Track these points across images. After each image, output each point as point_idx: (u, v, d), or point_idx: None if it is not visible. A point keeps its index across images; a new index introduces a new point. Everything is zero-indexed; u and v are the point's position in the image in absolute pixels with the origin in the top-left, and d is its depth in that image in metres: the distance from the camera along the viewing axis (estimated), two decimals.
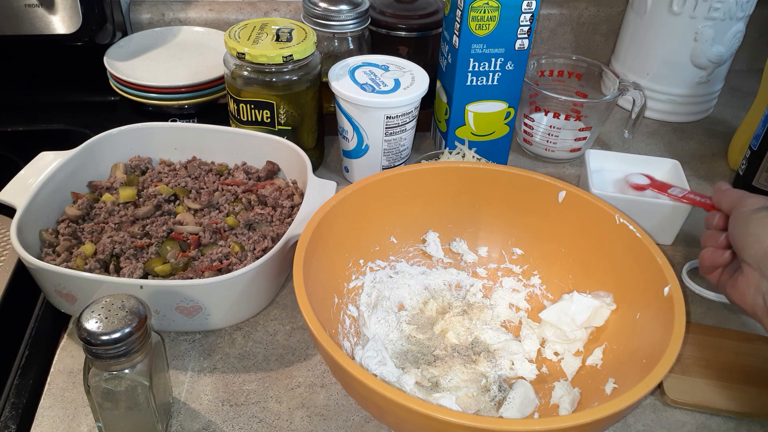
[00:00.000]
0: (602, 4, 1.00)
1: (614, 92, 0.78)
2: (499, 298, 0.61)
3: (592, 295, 0.57)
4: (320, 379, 0.55)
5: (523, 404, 0.51)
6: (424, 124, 0.84)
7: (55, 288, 0.54)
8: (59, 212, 0.62)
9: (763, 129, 0.72)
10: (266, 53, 0.65)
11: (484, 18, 0.67)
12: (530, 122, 0.81)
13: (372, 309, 0.58)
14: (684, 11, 0.83)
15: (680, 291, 0.48)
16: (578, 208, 0.58)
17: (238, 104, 0.70)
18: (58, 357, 0.55)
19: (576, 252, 0.59)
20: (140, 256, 0.58)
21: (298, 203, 0.64)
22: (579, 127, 0.80)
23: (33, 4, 0.78)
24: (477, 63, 0.70)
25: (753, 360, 0.57)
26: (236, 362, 0.56)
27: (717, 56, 0.86)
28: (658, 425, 0.53)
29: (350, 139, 0.72)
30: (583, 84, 0.84)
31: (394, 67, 0.72)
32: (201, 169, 0.69)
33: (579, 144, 0.81)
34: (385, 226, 0.61)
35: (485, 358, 0.55)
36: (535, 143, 0.82)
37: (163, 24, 0.92)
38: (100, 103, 0.88)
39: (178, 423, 0.51)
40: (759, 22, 0.99)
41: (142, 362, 0.44)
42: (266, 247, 0.59)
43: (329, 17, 0.75)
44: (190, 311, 0.54)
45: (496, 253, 0.64)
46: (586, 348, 0.56)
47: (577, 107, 0.80)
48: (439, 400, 0.50)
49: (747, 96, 0.99)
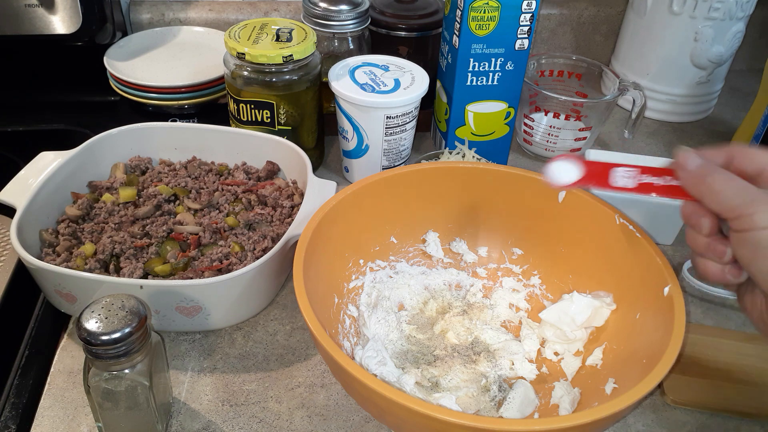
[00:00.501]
0: (602, 4, 1.00)
1: (614, 92, 0.78)
2: (499, 298, 0.61)
3: (592, 295, 0.57)
4: (320, 379, 0.55)
5: (523, 404, 0.51)
6: (424, 124, 0.84)
7: (55, 288, 0.54)
8: (59, 212, 0.62)
9: (763, 129, 0.72)
10: (266, 53, 0.65)
11: (484, 18, 0.67)
12: (530, 122, 0.81)
13: (372, 309, 0.58)
14: (684, 11, 0.83)
15: (680, 291, 0.48)
16: (578, 208, 0.58)
17: (238, 104, 0.70)
18: (58, 357, 0.55)
19: (576, 252, 0.59)
20: (140, 256, 0.58)
21: (298, 203, 0.64)
22: (579, 127, 0.80)
23: (33, 4, 0.77)
24: (477, 63, 0.70)
25: (753, 360, 0.57)
26: (236, 362, 0.56)
27: (717, 56, 0.86)
28: (658, 425, 0.53)
29: (350, 139, 0.72)
30: (583, 84, 0.84)
31: (394, 67, 0.72)
32: (201, 169, 0.69)
33: (579, 144, 0.80)
34: (385, 226, 0.61)
35: (485, 358, 0.55)
36: (535, 143, 0.82)
37: (163, 24, 0.92)
38: (100, 103, 0.88)
39: (178, 423, 0.51)
40: (759, 22, 0.99)
41: (142, 362, 0.44)
42: (266, 247, 0.59)
43: (329, 17, 0.75)
44: (190, 311, 0.54)
45: (496, 253, 0.64)
46: (586, 348, 0.56)
47: (577, 107, 0.80)
48: (439, 400, 0.50)
49: (747, 96, 0.99)
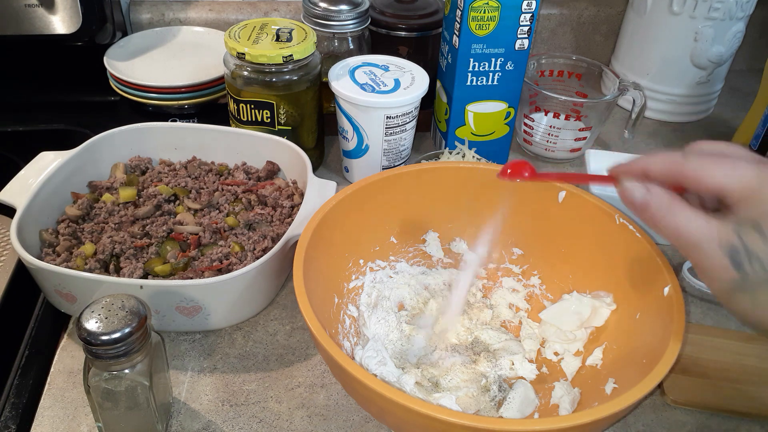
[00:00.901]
0: (602, 4, 1.00)
1: (614, 92, 0.78)
2: (499, 298, 0.61)
3: (592, 295, 0.57)
4: (320, 379, 0.55)
5: (523, 404, 0.51)
6: (424, 124, 0.84)
7: (55, 288, 0.54)
8: (59, 212, 0.62)
9: (763, 129, 0.72)
10: (266, 53, 0.65)
11: (484, 18, 0.67)
12: (530, 122, 0.81)
13: (372, 309, 0.58)
14: (684, 11, 0.83)
15: (680, 291, 0.48)
16: (578, 208, 0.57)
17: (238, 104, 0.70)
18: (58, 357, 0.55)
19: (576, 252, 0.59)
20: (140, 256, 0.58)
21: (298, 203, 0.64)
22: (579, 127, 0.80)
23: (33, 4, 0.77)
24: (477, 63, 0.70)
25: (753, 360, 0.57)
26: (236, 362, 0.56)
27: (717, 56, 0.86)
28: (658, 425, 0.53)
29: (350, 139, 0.72)
30: (583, 84, 0.84)
31: (394, 67, 0.72)
32: (201, 169, 0.69)
33: (579, 144, 0.80)
34: (385, 226, 0.61)
35: (485, 358, 0.55)
36: (535, 143, 0.82)
37: (163, 24, 0.92)
38: (100, 103, 0.88)
39: (178, 423, 0.51)
40: (759, 22, 0.99)
41: (142, 362, 0.44)
42: (266, 247, 0.59)
43: (329, 17, 0.75)
44: (190, 311, 0.54)
45: (496, 253, 0.64)
46: (586, 348, 0.56)
47: (577, 107, 0.79)
48: (439, 400, 0.50)
49: (747, 96, 0.98)
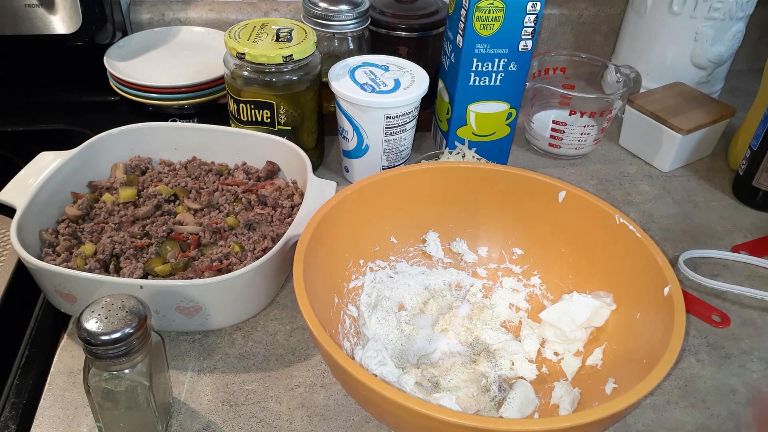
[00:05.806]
0: (602, 4, 1.00)
1: (619, 82, 0.79)
2: (499, 298, 0.61)
3: (592, 295, 0.57)
4: (320, 379, 0.55)
5: (523, 404, 0.51)
6: (424, 124, 0.84)
7: (55, 288, 0.54)
8: (59, 212, 0.62)
9: (763, 129, 0.72)
10: (266, 53, 0.65)
11: (489, 18, 0.67)
12: (560, 126, 0.80)
13: (372, 309, 0.58)
14: (684, 11, 0.83)
15: (680, 291, 0.48)
16: (578, 208, 0.58)
17: (238, 104, 0.70)
18: (58, 357, 0.55)
19: (576, 252, 0.59)
20: (140, 256, 0.58)
21: (298, 203, 0.64)
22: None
23: (33, 4, 0.77)
24: (480, 63, 0.70)
25: None
26: (236, 362, 0.56)
27: (717, 56, 0.86)
28: (658, 425, 0.53)
29: (350, 139, 0.72)
30: (581, 81, 0.85)
31: (394, 67, 0.72)
32: (201, 169, 0.69)
33: (598, 136, 0.82)
34: (385, 226, 0.61)
35: (485, 358, 0.55)
36: (564, 145, 0.82)
37: (163, 24, 0.92)
38: (100, 103, 0.88)
39: (178, 423, 0.51)
40: (759, 22, 0.99)
41: (142, 362, 0.44)
42: (266, 247, 0.59)
43: (329, 17, 0.75)
44: (190, 311, 0.54)
45: (496, 253, 0.64)
46: (586, 348, 0.56)
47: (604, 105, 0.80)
48: (439, 400, 0.50)
49: (747, 96, 0.98)
